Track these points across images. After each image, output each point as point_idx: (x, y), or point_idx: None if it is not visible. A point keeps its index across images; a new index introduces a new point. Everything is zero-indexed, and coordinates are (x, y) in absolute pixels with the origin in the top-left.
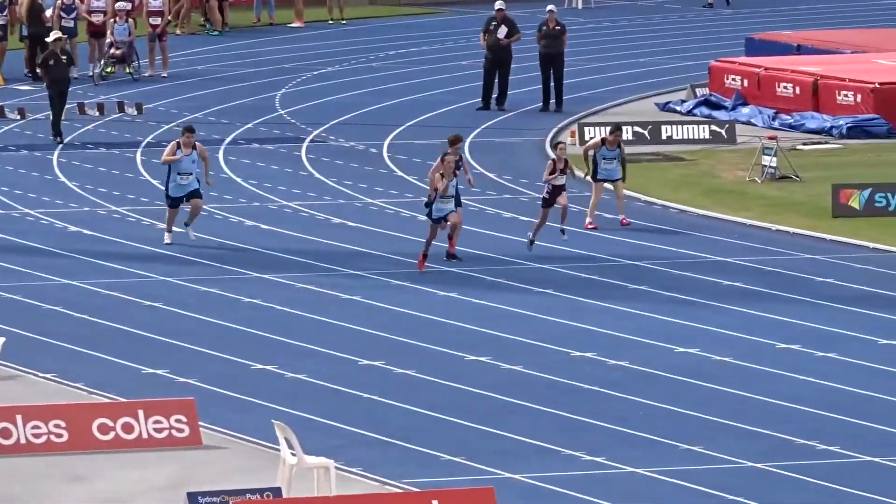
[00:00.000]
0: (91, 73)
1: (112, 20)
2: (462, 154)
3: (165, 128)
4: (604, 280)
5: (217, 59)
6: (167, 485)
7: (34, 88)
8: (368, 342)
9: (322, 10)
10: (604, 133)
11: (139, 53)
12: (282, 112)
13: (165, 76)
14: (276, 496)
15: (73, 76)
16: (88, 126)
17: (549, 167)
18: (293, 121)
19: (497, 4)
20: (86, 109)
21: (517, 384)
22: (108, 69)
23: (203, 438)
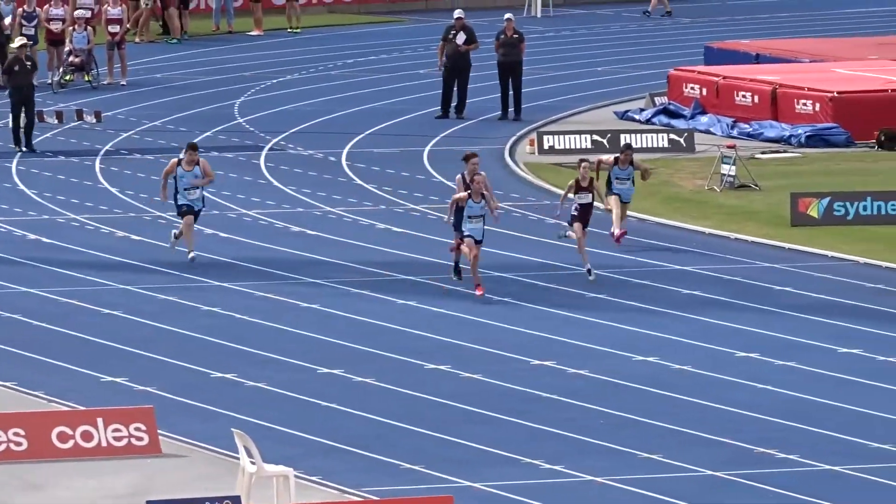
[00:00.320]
0: (50, 81)
1: (71, 28)
2: (483, 177)
3: (124, 136)
4: (563, 289)
5: (176, 68)
6: (126, 493)
7: None
8: (327, 350)
9: (281, 19)
10: (606, 157)
11: (98, 61)
12: (241, 120)
13: (124, 84)
14: None
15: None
16: (47, 134)
17: (572, 186)
18: (252, 129)
19: (456, 13)
20: (45, 117)
21: (476, 393)
22: (67, 77)
23: (162, 447)
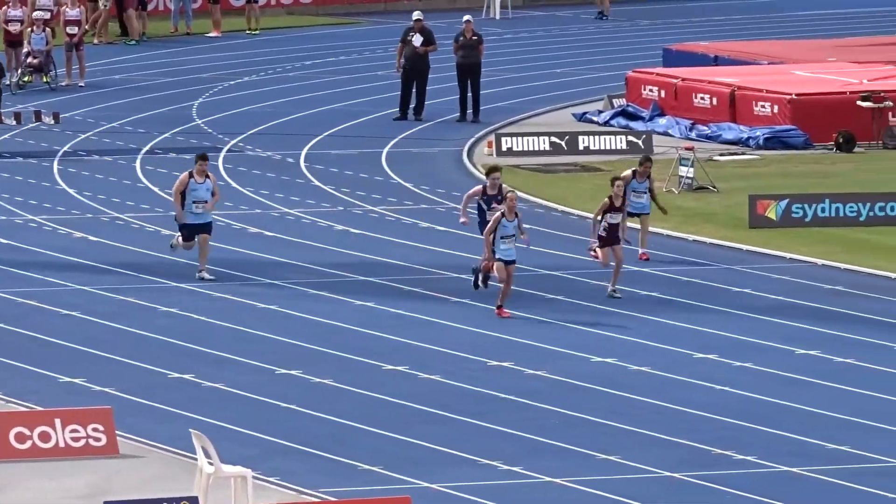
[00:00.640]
0: (8, 82)
1: (29, 29)
2: (515, 194)
3: (82, 137)
4: (521, 290)
5: (134, 69)
6: (84, 494)
7: None
8: (285, 351)
9: (240, 20)
10: (624, 172)
11: (56, 63)
12: (199, 122)
13: (83, 85)
14: None
15: None
16: (5, 135)
17: (605, 205)
18: (210, 130)
19: (415, 15)
20: (2, 118)
21: (434, 393)
22: (26, 78)
23: (120, 447)
